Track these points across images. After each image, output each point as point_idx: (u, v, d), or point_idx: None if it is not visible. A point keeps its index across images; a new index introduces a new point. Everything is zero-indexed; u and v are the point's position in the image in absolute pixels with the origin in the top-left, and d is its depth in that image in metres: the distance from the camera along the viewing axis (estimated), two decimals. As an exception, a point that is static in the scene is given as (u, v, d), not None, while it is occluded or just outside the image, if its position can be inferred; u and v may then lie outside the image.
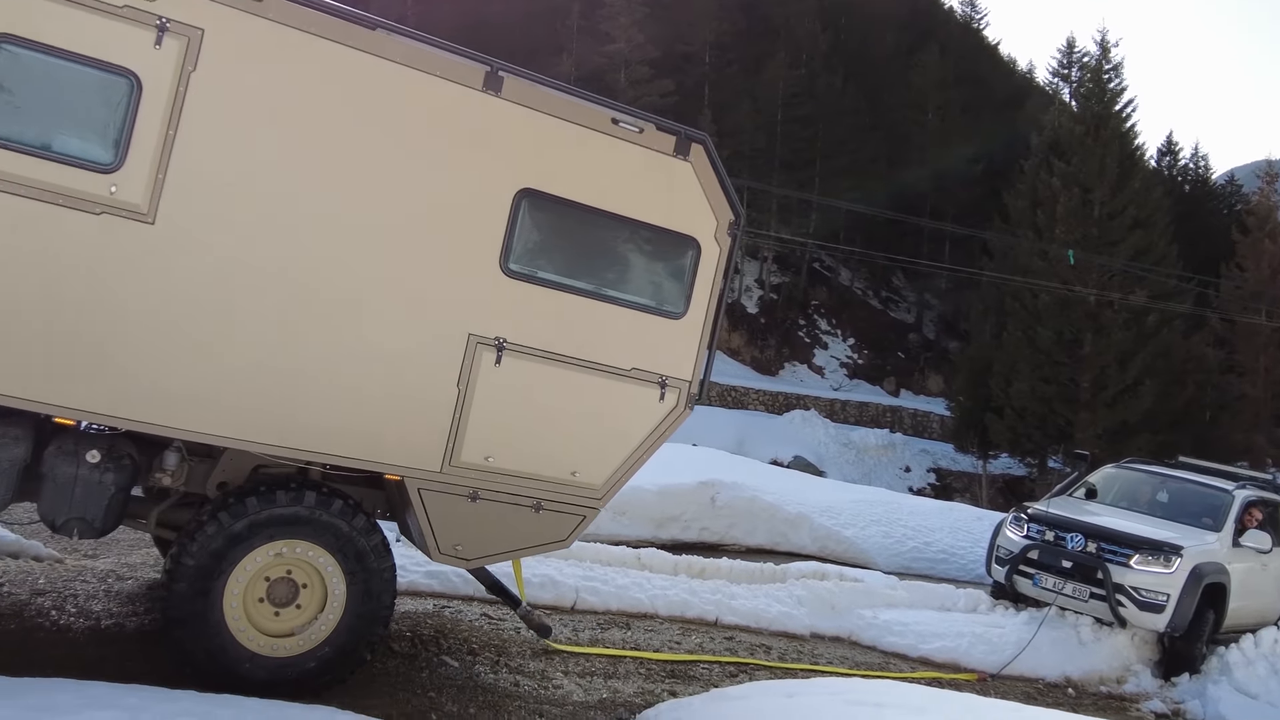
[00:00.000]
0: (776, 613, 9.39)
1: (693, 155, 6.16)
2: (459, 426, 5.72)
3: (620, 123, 5.96)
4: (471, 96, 5.57)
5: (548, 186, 5.80)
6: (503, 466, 5.90)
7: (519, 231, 5.76)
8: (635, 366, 6.18)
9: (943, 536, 14.02)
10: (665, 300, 6.26)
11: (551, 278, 5.90)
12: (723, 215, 6.29)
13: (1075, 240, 35.13)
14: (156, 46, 4.86)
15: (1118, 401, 34.58)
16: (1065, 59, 58.42)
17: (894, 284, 61.92)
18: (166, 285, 4.99)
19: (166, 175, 4.92)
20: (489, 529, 5.96)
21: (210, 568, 5.26)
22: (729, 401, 44.51)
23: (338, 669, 5.64)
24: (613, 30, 50.28)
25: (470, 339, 5.70)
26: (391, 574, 5.75)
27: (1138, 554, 9.95)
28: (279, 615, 5.51)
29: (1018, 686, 9.14)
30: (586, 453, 6.14)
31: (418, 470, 5.68)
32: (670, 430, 6.38)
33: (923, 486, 40.57)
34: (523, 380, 5.85)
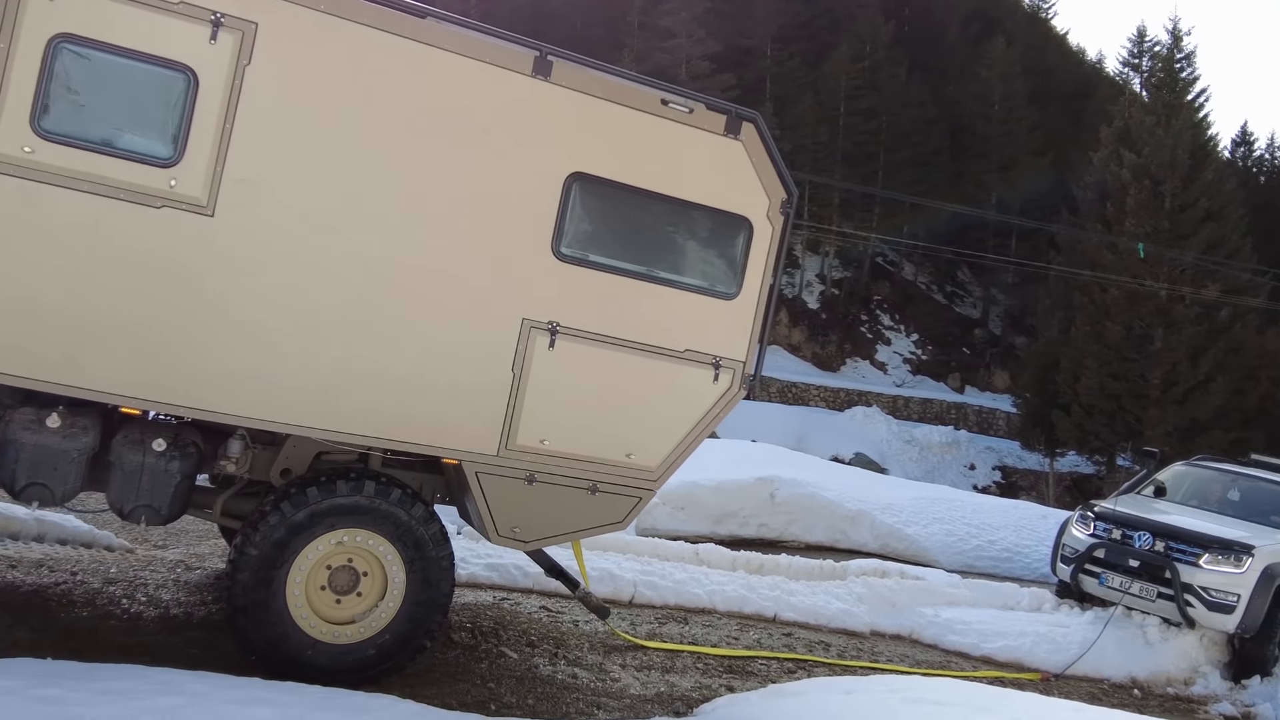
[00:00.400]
0: (836, 610, 9.34)
1: (744, 134, 6.13)
2: (514, 410, 5.79)
3: (670, 103, 5.96)
4: (522, 81, 5.61)
5: (598, 170, 5.83)
6: (558, 449, 5.95)
7: (570, 215, 5.80)
8: (689, 348, 6.18)
9: (1007, 535, 13.82)
10: (718, 281, 6.24)
11: (603, 261, 5.94)
12: (775, 194, 6.26)
13: (1145, 233, 34.38)
14: (211, 41, 4.97)
15: (1188, 398, 33.79)
16: (1135, 48, 57.10)
17: (959, 278, 61.08)
18: (226, 276, 5.11)
19: (224, 168, 5.05)
20: (546, 511, 6.02)
21: (273, 557, 5.38)
22: (789, 398, 44.26)
23: (397, 656, 5.73)
24: (673, 25, 50.23)
25: (524, 323, 5.76)
26: (450, 562, 5.84)
27: (1207, 553, 9.73)
28: (340, 603, 5.62)
29: (1082, 687, 8.99)
30: (641, 435, 6.17)
31: (475, 454, 5.75)
32: (725, 411, 6.38)
33: (988, 484, 40.02)
34: (576, 363, 5.90)
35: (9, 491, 5.13)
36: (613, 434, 6.09)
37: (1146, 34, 55.92)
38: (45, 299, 4.83)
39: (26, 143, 4.73)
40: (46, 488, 5.11)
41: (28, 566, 6.73)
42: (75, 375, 4.91)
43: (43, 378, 4.88)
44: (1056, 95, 60.26)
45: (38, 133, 4.75)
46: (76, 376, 4.91)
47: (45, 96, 4.75)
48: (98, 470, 5.36)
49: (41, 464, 5.08)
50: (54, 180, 4.78)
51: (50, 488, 5.12)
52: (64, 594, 6.36)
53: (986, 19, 65.80)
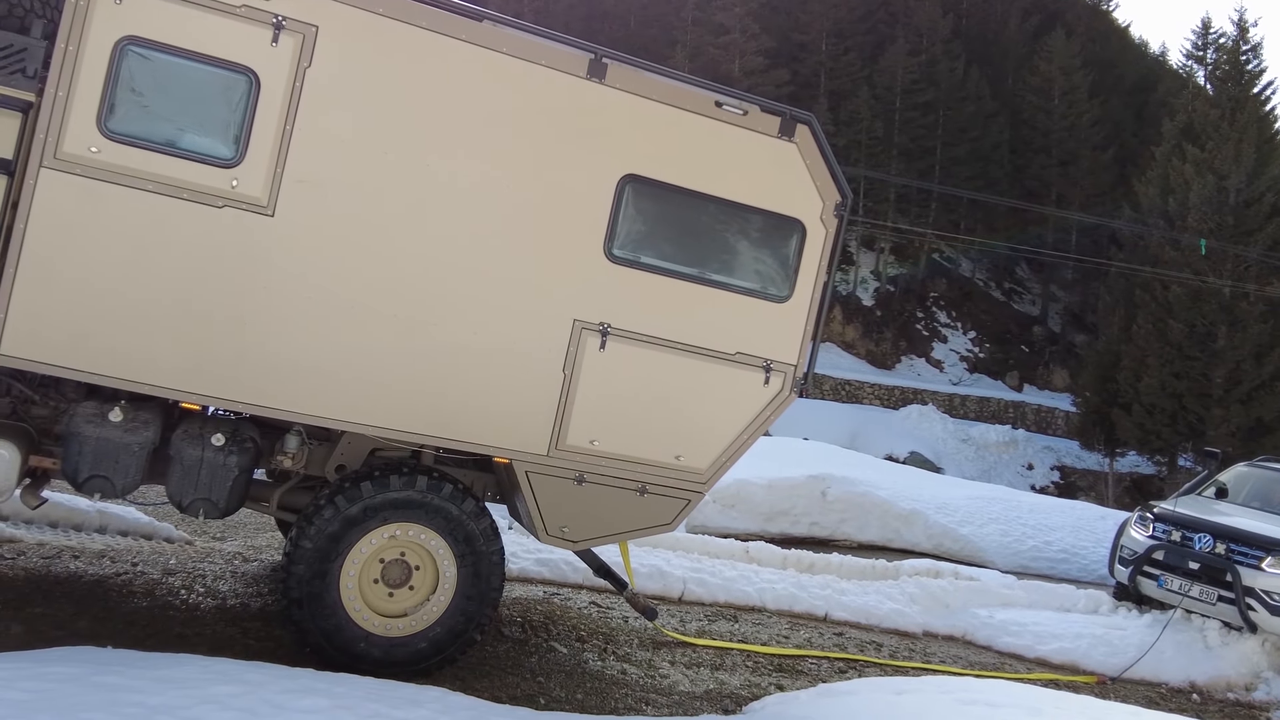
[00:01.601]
0: (888, 609, 9.28)
1: (798, 136, 6.12)
2: (565, 410, 5.83)
3: (724, 105, 5.97)
4: (577, 84, 5.66)
5: (652, 172, 5.86)
6: (608, 450, 5.98)
7: (623, 217, 5.84)
8: (740, 350, 6.18)
9: (1064, 535, 13.63)
10: (770, 283, 6.23)
11: (655, 263, 5.96)
12: (829, 196, 6.24)
13: (1209, 229, 33.67)
14: (273, 44, 5.08)
15: (1253, 398, 33.01)
16: (1200, 41, 55.80)
17: (1018, 275, 60.20)
18: (286, 275, 5.22)
19: (284, 169, 5.15)
20: (595, 511, 6.05)
21: (327, 550, 5.48)
22: (843, 396, 43.95)
23: (448, 649, 5.80)
24: (727, 21, 50.08)
25: (575, 324, 5.80)
26: (500, 557, 5.90)
27: (1270, 556, 9.52)
28: (393, 596, 5.70)
29: (1139, 690, 8.84)
30: (691, 437, 6.17)
31: (525, 453, 5.81)
32: (776, 415, 6.38)
33: (1046, 485, 39.42)
34: (627, 365, 5.93)
35: (72, 483, 5.27)
36: (662, 436, 6.11)
37: (1211, 26, 54.90)
38: (110, 296, 4.96)
39: (93, 143, 4.86)
40: (108, 480, 5.24)
41: (90, 557, 6.91)
42: (138, 370, 5.04)
43: (106, 372, 5.01)
44: (1118, 89, 59.14)
45: (104, 133, 4.88)
46: (139, 372, 5.04)
47: (112, 98, 4.88)
48: (158, 464, 5.49)
49: (104, 457, 5.20)
50: (119, 180, 4.91)
51: (112, 480, 5.24)
52: (125, 584, 6.52)
53: (1047, 11, 64.77)
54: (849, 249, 54.23)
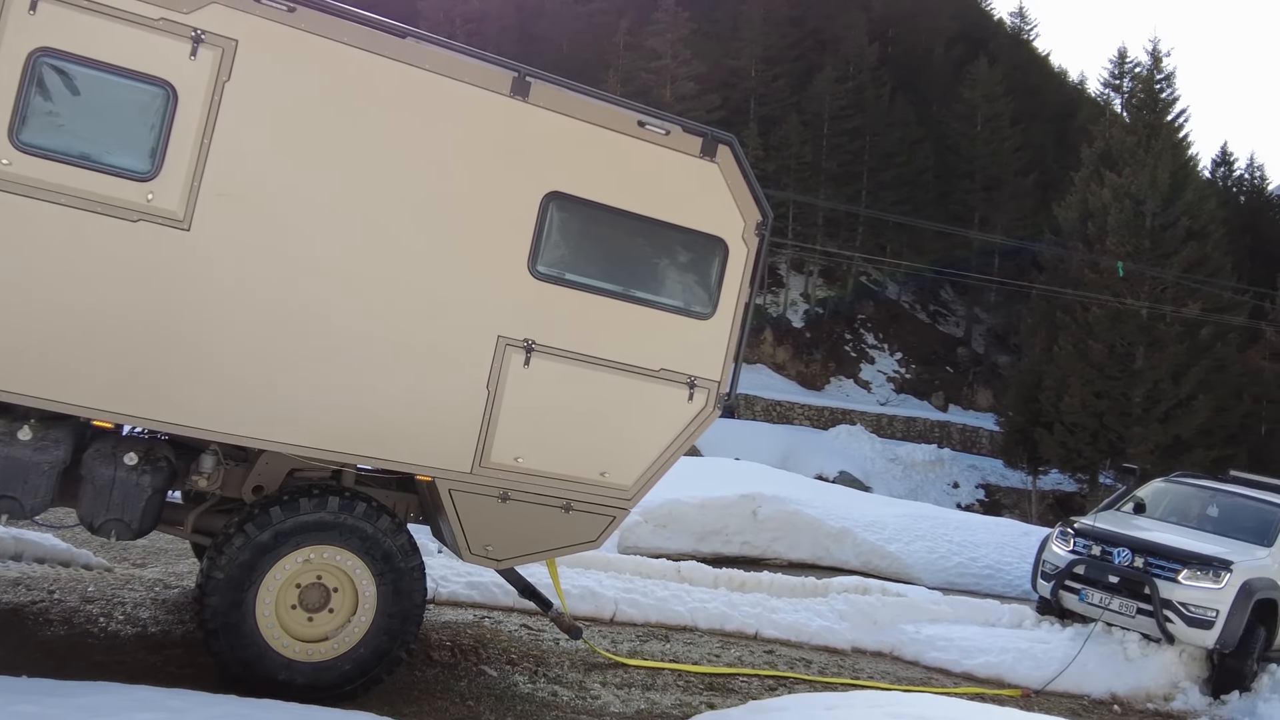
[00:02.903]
0: (818, 627, 9.35)
1: (719, 156, 6.20)
2: (489, 427, 5.81)
3: (647, 125, 6.03)
4: (500, 102, 5.67)
5: (575, 189, 5.89)
6: (532, 467, 5.97)
7: (547, 234, 5.86)
8: (664, 367, 6.24)
9: (989, 552, 13.87)
10: (693, 301, 6.31)
11: (580, 279, 5.98)
12: (750, 216, 6.33)
13: (1127, 252, 34.65)
14: (192, 58, 5.01)
15: (1171, 416, 33.98)
16: (1116, 69, 57.64)
17: (942, 298, 61.35)
18: (202, 290, 5.12)
19: (201, 183, 5.07)
20: (519, 529, 6.03)
21: (240, 579, 5.36)
22: (774, 416, 44.31)
23: (375, 670, 5.71)
24: (659, 46, 50.51)
25: (499, 340, 5.80)
26: (420, 572, 5.82)
27: (1186, 569, 9.78)
28: (313, 620, 5.61)
29: (1063, 703, 9.01)
30: (616, 453, 6.19)
31: (448, 471, 5.77)
32: (700, 431, 6.43)
33: (971, 502, 40.09)
34: (551, 381, 5.93)
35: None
36: (587, 452, 6.10)
37: (1127, 55, 56.53)
38: (20, 311, 4.83)
39: (4, 155, 4.75)
40: (16, 501, 5.08)
41: (4, 585, 6.70)
42: (48, 388, 4.90)
43: (15, 389, 4.87)
44: (1040, 116, 60.78)
45: (15, 145, 4.76)
46: (49, 389, 4.91)
47: (24, 109, 4.77)
48: (69, 484, 5.33)
49: (12, 477, 5.04)
50: (31, 193, 4.79)
51: (20, 501, 5.08)
52: (41, 612, 6.33)
53: (970, 40, 66.42)
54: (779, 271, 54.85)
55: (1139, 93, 42.34)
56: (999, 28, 78.04)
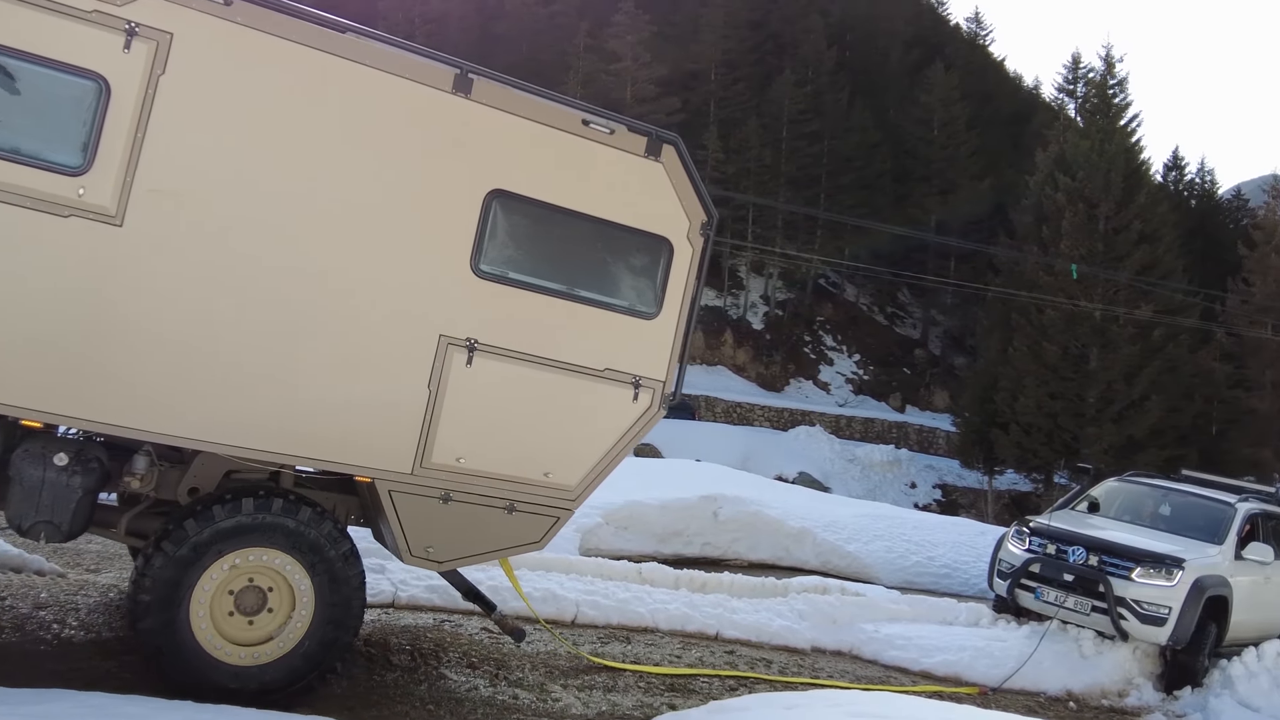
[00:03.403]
0: (778, 627, 9.40)
1: (664, 156, 6.18)
2: (430, 428, 5.72)
3: (591, 124, 5.99)
4: (442, 99, 5.60)
5: (519, 188, 5.83)
6: (475, 468, 5.89)
7: (490, 233, 5.79)
8: (608, 367, 6.20)
9: (946, 551, 14.01)
10: (638, 301, 6.28)
11: (523, 278, 5.92)
12: (695, 216, 6.31)
13: (1081, 255, 35.17)
14: (125, 50, 4.88)
15: (1124, 416, 34.53)
16: (1070, 75, 58.53)
17: (900, 300, 61.90)
18: (135, 287, 4.99)
19: (135, 178, 4.94)
20: (461, 531, 5.95)
21: (170, 597, 5.20)
22: (734, 418, 44.48)
23: (325, 661, 5.63)
24: (620, 48, 50.58)
25: (441, 340, 5.71)
26: (354, 557, 5.68)
27: (1139, 567, 9.92)
28: (253, 623, 5.47)
29: (1019, 700, 9.12)
30: (560, 453, 6.14)
31: (388, 472, 5.67)
32: (645, 431, 6.41)
33: (928, 502, 40.54)
34: (494, 381, 5.86)
35: None
36: (531, 453, 6.05)
37: (1081, 61, 57.47)
38: None
39: None
40: None
41: (-46, 592, 6.58)
42: None
43: None
44: (995, 120, 61.56)
45: None
46: None
47: None
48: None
49: None
50: None
51: None
52: (-9, 619, 6.22)
53: (927, 45, 67.11)
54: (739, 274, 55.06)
55: (1092, 98, 43.03)
56: (955, 33, 78.90)
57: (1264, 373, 40.94)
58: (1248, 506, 11.18)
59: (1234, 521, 10.84)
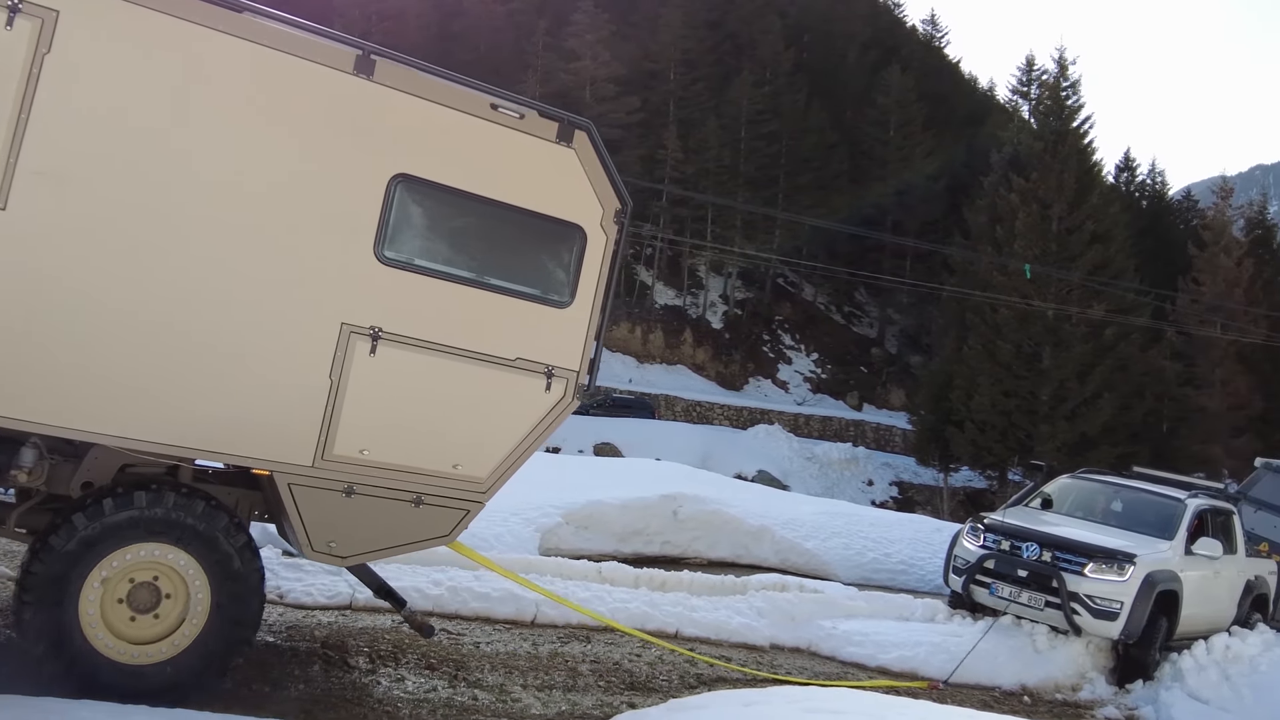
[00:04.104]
0: (737, 624, 9.43)
1: (576, 142, 6.06)
2: (331, 419, 5.55)
3: (500, 108, 5.85)
4: (343, 80, 5.45)
5: (424, 172, 5.68)
6: (379, 460, 5.74)
7: (394, 218, 5.63)
8: (520, 356, 6.06)
9: (902, 548, 14.13)
10: (551, 289, 6.16)
11: (430, 265, 5.78)
12: (609, 203, 6.21)
13: (1034, 255, 35.66)
14: (8, 28, 4.70)
15: (1077, 414, 35.05)
16: (1024, 77, 59.32)
17: (857, 299, 62.37)
18: (19, 272, 4.80)
19: (19, 160, 4.76)
20: (365, 525, 5.78)
21: (57, 596, 5.01)
22: (694, 417, 44.59)
23: (226, 656, 5.46)
24: (579, 48, 50.52)
25: (343, 328, 5.55)
26: (251, 550, 5.53)
27: (1092, 562, 10.05)
28: (144, 622, 5.30)
29: (975, 695, 9.23)
30: (469, 445, 6.01)
31: (288, 464, 5.50)
32: (559, 421, 6.27)
33: (885, 500, 40.91)
34: (400, 370, 5.71)
35: None
36: (439, 444, 5.92)
37: (1035, 63, 58.24)
38: None
39: None
40: None
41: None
42: None
43: None
44: (950, 122, 62.22)
45: None
46: None
47: None
48: None
49: None
50: None
51: None
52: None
53: (883, 47, 67.66)
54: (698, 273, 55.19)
55: (1046, 100, 43.58)
56: (911, 35, 79.67)
57: (1213, 371, 41.75)
58: (1197, 503, 11.38)
59: (1184, 517, 11.02)
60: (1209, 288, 43.74)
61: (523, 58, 50.59)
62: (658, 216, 52.35)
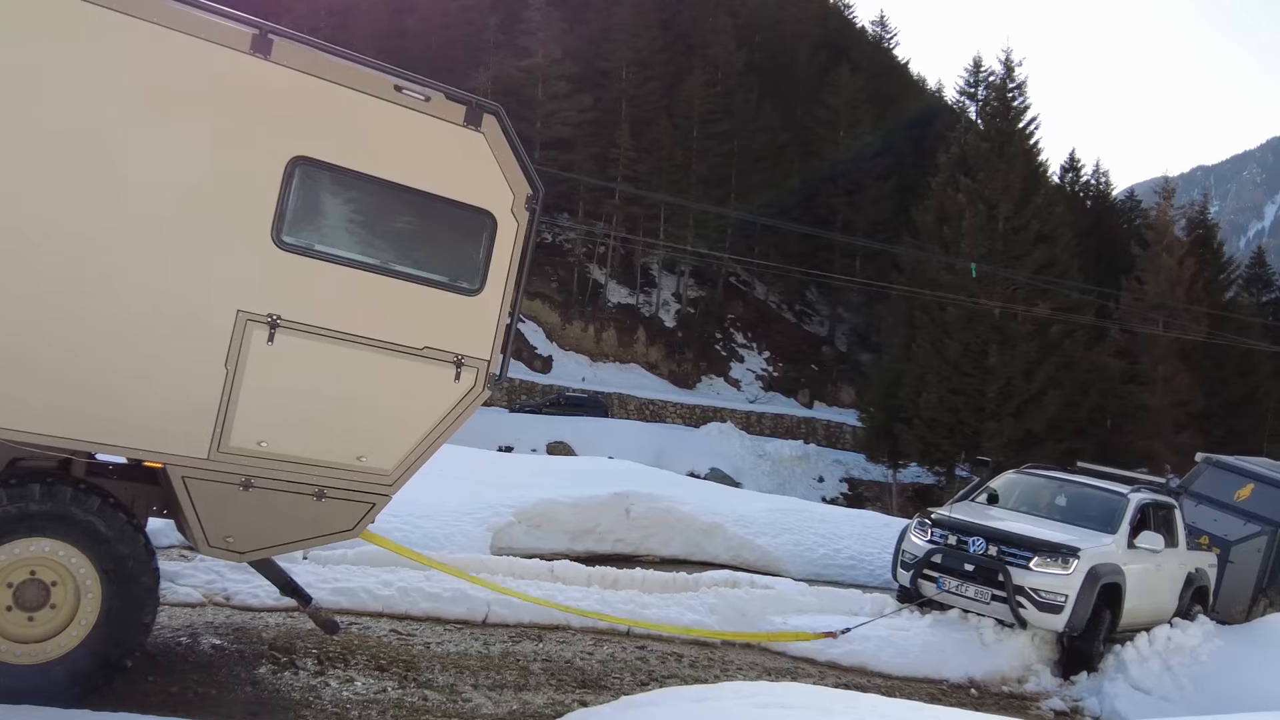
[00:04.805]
0: (689, 621, 9.46)
1: (485, 126, 5.91)
2: (227, 410, 5.37)
3: (404, 90, 5.70)
4: (239, 60, 5.26)
5: (325, 155, 5.51)
6: (278, 452, 5.57)
7: (293, 201, 5.45)
8: (428, 345, 5.91)
9: (852, 543, 14.24)
10: (460, 276, 6.01)
11: (331, 251, 5.62)
12: (519, 189, 6.07)
13: (981, 254, 36.15)
14: None
15: (1023, 411, 35.58)
16: (972, 78, 59.94)
17: (808, 298, 62.80)
18: None
19: None
20: (264, 519, 5.62)
21: None
22: (647, 415, 44.67)
23: (118, 655, 5.29)
24: (531, 45, 50.36)
25: (239, 316, 5.35)
26: (154, 577, 5.39)
27: (1037, 556, 10.20)
28: (32, 620, 5.12)
29: (923, 688, 9.33)
30: (375, 436, 5.86)
31: (182, 457, 5.31)
32: (469, 411, 6.14)
33: (835, 496, 41.30)
34: (300, 360, 5.54)
35: None
36: (342, 435, 5.76)
37: (982, 65, 58.84)
38: None
39: None
40: None
41: None
42: None
43: None
44: (899, 122, 62.85)
45: None
46: None
47: None
48: None
49: None
50: None
51: None
52: None
53: (833, 47, 68.18)
54: (651, 271, 55.27)
55: (993, 101, 44.16)
56: (861, 35, 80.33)
57: (1156, 368, 42.51)
58: (1140, 497, 11.59)
59: (1127, 511, 11.22)
60: (1152, 286, 44.53)
61: (475, 54, 50.34)
62: (611, 215, 52.41)
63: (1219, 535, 13.84)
